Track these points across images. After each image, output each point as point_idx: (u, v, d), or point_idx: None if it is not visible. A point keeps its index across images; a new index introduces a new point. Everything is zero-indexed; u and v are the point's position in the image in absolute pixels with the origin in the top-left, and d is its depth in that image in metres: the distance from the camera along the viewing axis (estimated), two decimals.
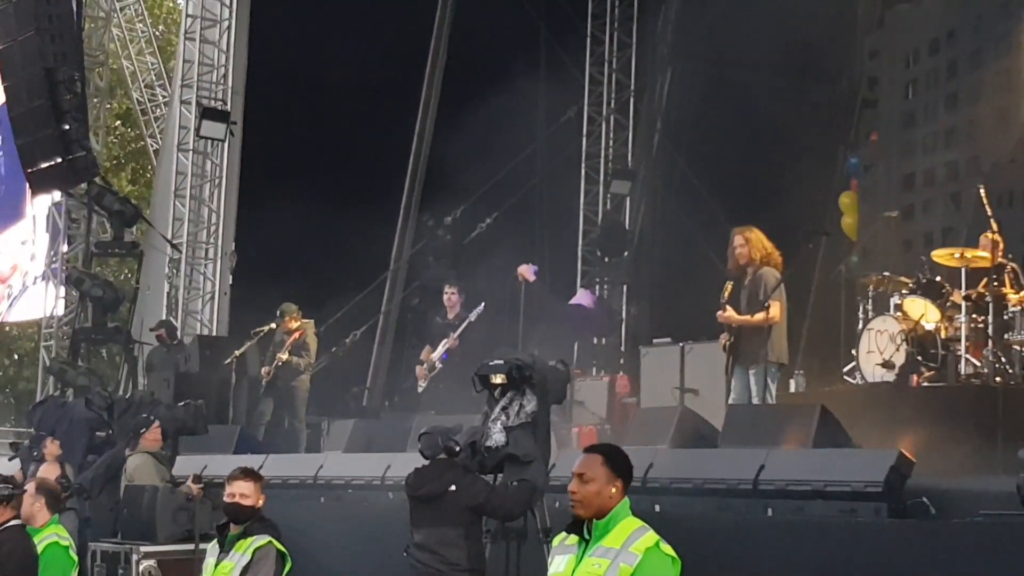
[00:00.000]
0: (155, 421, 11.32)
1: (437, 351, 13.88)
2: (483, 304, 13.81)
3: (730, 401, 11.22)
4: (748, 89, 18.96)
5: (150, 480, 10.73)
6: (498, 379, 8.67)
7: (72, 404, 14.07)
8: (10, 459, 13.96)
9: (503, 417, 8.61)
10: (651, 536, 5.12)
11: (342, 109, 18.33)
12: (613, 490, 5.15)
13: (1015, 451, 8.19)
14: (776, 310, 10.97)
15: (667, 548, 5.13)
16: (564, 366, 9.17)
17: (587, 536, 5.18)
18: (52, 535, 8.13)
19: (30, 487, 8.28)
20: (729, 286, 11.25)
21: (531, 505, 8.40)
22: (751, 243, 11.19)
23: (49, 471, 10.38)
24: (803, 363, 13.87)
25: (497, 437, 8.56)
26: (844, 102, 19.34)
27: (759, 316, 10.91)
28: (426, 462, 8.58)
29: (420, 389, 14.17)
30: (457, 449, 8.51)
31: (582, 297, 12.94)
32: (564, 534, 5.31)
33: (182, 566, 9.32)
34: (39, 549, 7.90)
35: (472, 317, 13.69)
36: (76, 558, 8.29)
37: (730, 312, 11.12)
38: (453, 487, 8.30)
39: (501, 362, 8.66)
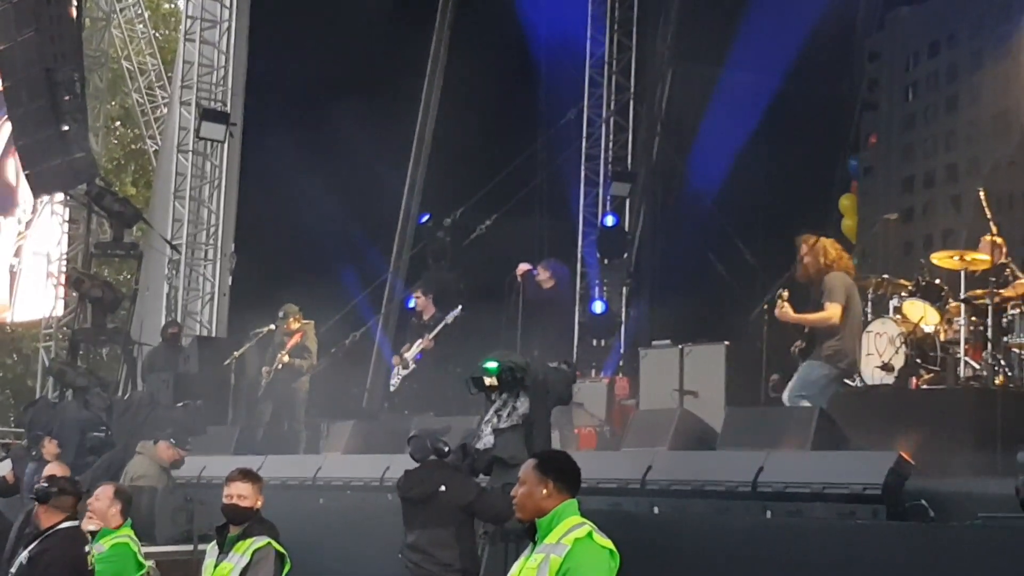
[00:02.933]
0: (188, 445, 11.33)
1: (411, 351, 13.89)
2: (460, 307, 13.84)
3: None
4: (748, 91, 18.97)
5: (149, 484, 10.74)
6: (490, 381, 8.69)
7: (64, 405, 14.12)
8: (1, 459, 13.98)
9: (495, 419, 8.63)
10: (584, 529, 5.24)
11: (341, 110, 18.33)
12: (544, 491, 5.34)
13: (1014, 454, 8.19)
14: (833, 311, 10.66)
15: (602, 540, 5.23)
16: (568, 366, 9.17)
17: (536, 539, 5.35)
18: (124, 536, 8.17)
19: (108, 492, 8.29)
20: (786, 293, 11.01)
21: None
22: (814, 251, 10.95)
23: (56, 470, 10.31)
24: None
25: (487, 439, 8.61)
26: (844, 104, 19.34)
27: (814, 316, 10.68)
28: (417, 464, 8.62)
29: (392, 388, 14.20)
30: (446, 450, 8.56)
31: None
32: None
33: (181, 567, 9.32)
34: (108, 546, 7.94)
35: (448, 319, 13.70)
36: (145, 564, 8.28)
37: (786, 308, 10.93)
38: (443, 487, 8.35)
39: (494, 364, 8.67)
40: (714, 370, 13.01)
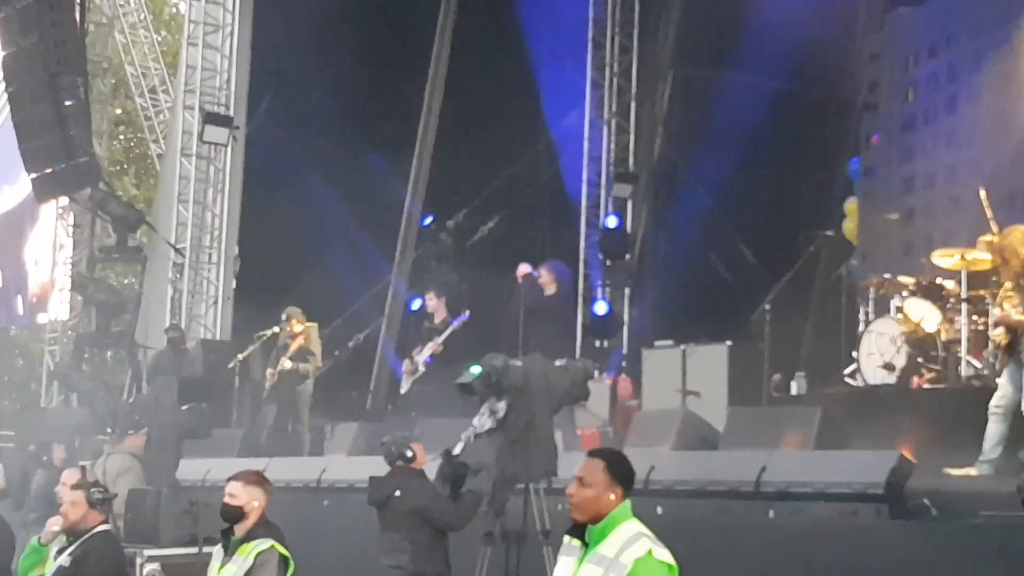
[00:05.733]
0: (144, 427, 11.41)
1: (422, 354, 13.93)
2: (467, 313, 13.86)
3: (998, 398, 9.84)
4: (749, 93, 18.98)
5: (133, 485, 10.78)
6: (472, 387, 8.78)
7: (51, 411, 14.14)
8: None
9: (474, 424, 8.71)
10: (644, 544, 5.02)
11: (344, 113, 18.37)
12: (612, 497, 5.09)
13: (1015, 452, 8.23)
14: None
15: (662, 555, 5.03)
16: (583, 364, 9.17)
17: (588, 541, 5.12)
18: None
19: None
20: (1008, 286, 10.19)
21: (472, 516, 8.50)
22: (1005, 252, 10.04)
23: (70, 476, 10.38)
24: (804, 365, 13.88)
25: (459, 445, 8.69)
26: (844, 105, 19.35)
27: None
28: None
29: (403, 390, 14.24)
30: (409, 455, 8.64)
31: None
32: (568, 536, 5.26)
33: (186, 569, 9.34)
34: None
35: (456, 324, 13.73)
36: None
37: (1007, 310, 10.07)
38: (398, 492, 8.48)
39: (478, 368, 8.73)
40: (716, 370, 13.03)
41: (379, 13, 18.41)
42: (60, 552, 8.02)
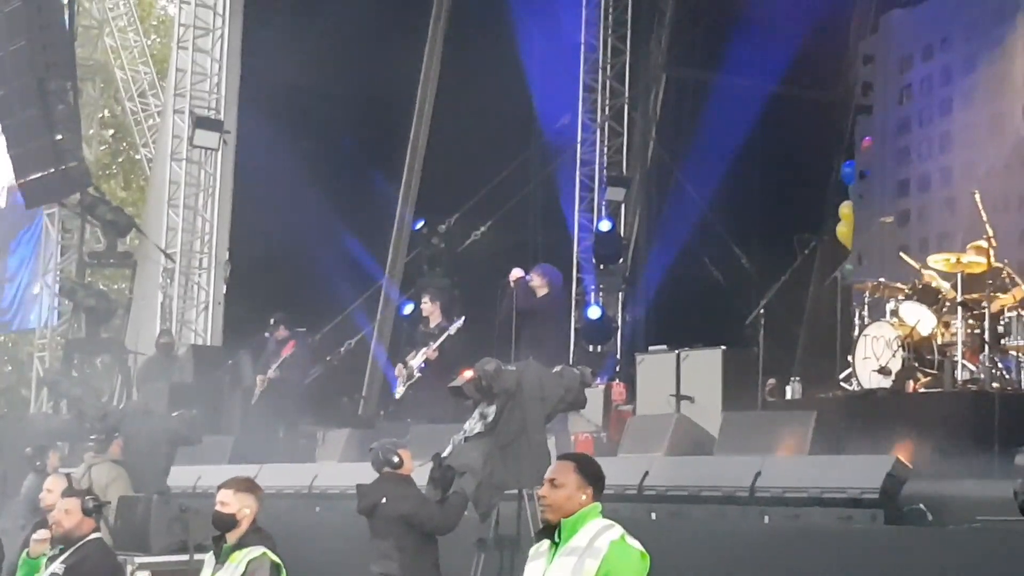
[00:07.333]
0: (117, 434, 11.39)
1: (416, 359, 13.85)
2: (463, 318, 13.79)
3: None
4: (742, 96, 18.96)
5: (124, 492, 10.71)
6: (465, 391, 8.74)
7: (31, 418, 14.04)
8: None
9: (464, 428, 8.67)
10: (616, 531, 5.27)
11: (335, 117, 18.30)
12: (583, 497, 5.35)
13: (1012, 456, 8.16)
14: None
15: (634, 542, 5.26)
16: (580, 371, 9.11)
17: (557, 540, 5.31)
18: None
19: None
20: None
21: (459, 518, 8.46)
22: None
23: (61, 483, 10.29)
24: (799, 370, 13.83)
25: (448, 448, 8.64)
26: (838, 108, 19.36)
27: None
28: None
29: (398, 395, 14.16)
30: (395, 461, 8.60)
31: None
32: (537, 542, 5.45)
33: None
34: None
35: (451, 330, 13.65)
36: None
37: None
38: (384, 499, 8.41)
39: (468, 374, 8.69)
40: (711, 375, 12.97)
41: (370, 15, 18.35)
42: (51, 560, 7.95)
